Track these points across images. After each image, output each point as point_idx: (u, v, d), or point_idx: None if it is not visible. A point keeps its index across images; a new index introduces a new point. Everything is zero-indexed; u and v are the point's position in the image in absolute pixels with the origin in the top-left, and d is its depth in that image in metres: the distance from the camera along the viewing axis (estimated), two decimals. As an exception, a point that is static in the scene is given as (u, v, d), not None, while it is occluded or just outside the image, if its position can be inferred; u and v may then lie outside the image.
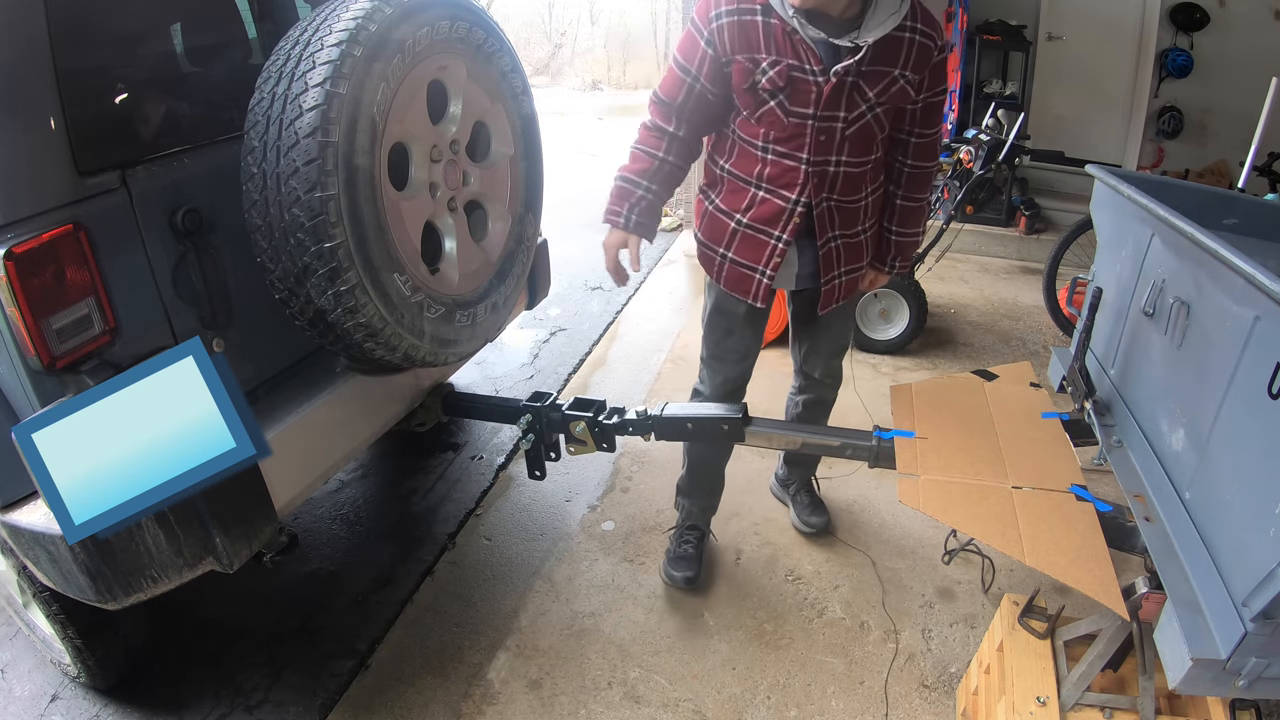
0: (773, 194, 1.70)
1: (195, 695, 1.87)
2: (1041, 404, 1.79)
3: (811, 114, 1.60)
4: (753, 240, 1.76)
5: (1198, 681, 1.14)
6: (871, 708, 1.83)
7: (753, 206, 1.73)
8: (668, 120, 1.70)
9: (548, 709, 1.84)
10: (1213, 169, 4.71)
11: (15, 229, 1.18)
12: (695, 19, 1.61)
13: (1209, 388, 1.27)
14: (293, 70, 1.37)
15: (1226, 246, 1.22)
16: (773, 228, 1.73)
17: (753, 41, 1.57)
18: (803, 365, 2.10)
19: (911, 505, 1.50)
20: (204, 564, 1.44)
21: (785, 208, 1.70)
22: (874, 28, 1.51)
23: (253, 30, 1.81)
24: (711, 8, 1.58)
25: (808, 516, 2.33)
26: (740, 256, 1.78)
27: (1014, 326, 3.74)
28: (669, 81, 1.68)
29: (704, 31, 1.59)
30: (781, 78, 1.56)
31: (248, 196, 1.41)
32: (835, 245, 1.76)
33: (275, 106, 1.37)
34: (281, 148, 1.36)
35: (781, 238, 1.73)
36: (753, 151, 1.69)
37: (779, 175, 1.68)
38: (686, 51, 1.64)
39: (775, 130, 1.64)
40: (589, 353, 3.51)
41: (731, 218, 1.77)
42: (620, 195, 1.74)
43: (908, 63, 1.60)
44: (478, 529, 2.43)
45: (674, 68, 1.67)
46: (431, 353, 1.64)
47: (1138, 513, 1.39)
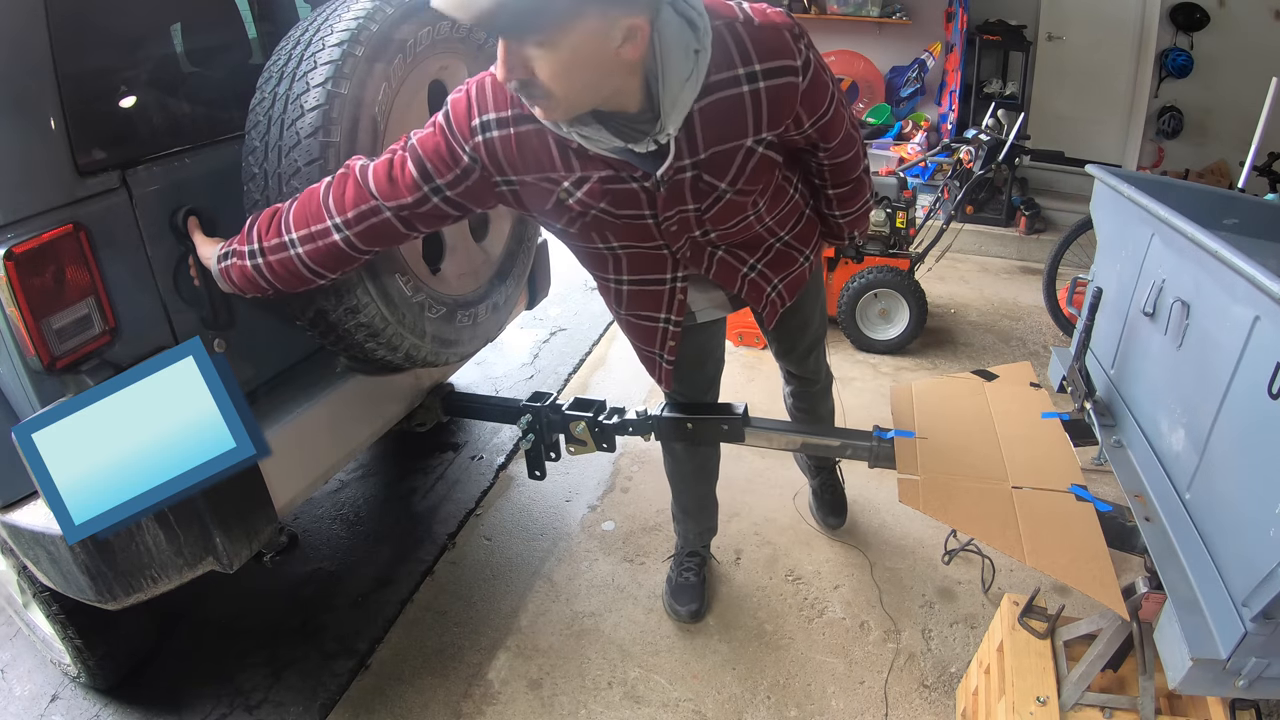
0: (640, 284, 1.45)
1: (195, 695, 1.87)
2: (1041, 404, 1.79)
3: (650, 214, 1.28)
4: (638, 328, 1.56)
5: (1198, 681, 1.14)
6: (871, 708, 1.83)
7: (622, 299, 1.50)
8: (341, 211, 1.25)
9: (548, 709, 1.84)
10: (1213, 169, 4.71)
11: (15, 229, 1.18)
12: (453, 124, 1.19)
13: (1209, 388, 1.27)
14: (294, 70, 1.37)
15: (1226, 246, 1.22)
16: (657, 310, 1.50)
17: (543, 159, 1.19)
18: (784, 365, 2.03)
19: (911, 505, 1.50)
20: (204, 564, 1.44)
21: (663, 289, 1.46)
22: (672, 109, 1.09)
23: (253, 30, 1.81)
24: (474, 114, 1.17)
25: (826, 515, 2.33)
26: (634, 338, 1.61)
27: (1014, 326, 3.74)
28: (397, 177, 1.22)
29: (465, 144, 1.19)
30: (595, 194, 1.22)
31: (249, 196, 1.42)
32: (754, 274, 1.52)
33: (277, 107, 1.37)
34: (283, 148, 1.36)
35: (672, 319, 1.51)
36: (595, 255, 1.42)
37: (638, 264, 1.41)
38: (435, 156, 1.21)
39: (611, 233, 1.32)
40: (589, 353, 3.51)
41: (610, 305, 1.57)
42: (244, 233, 1.35)
43: (760, 123, 1.19)
44: (478, 529, 2.43)
45: (410, 165, 1.22)
46: (433, 353, 1.64)
47: (1138, 513, 1.39)
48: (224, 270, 1.35)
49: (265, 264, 1.31)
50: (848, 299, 3.29)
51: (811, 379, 2.01)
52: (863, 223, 1.66)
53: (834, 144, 1.37)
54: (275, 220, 1.30)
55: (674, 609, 2.07)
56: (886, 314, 3.38)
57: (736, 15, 1.13)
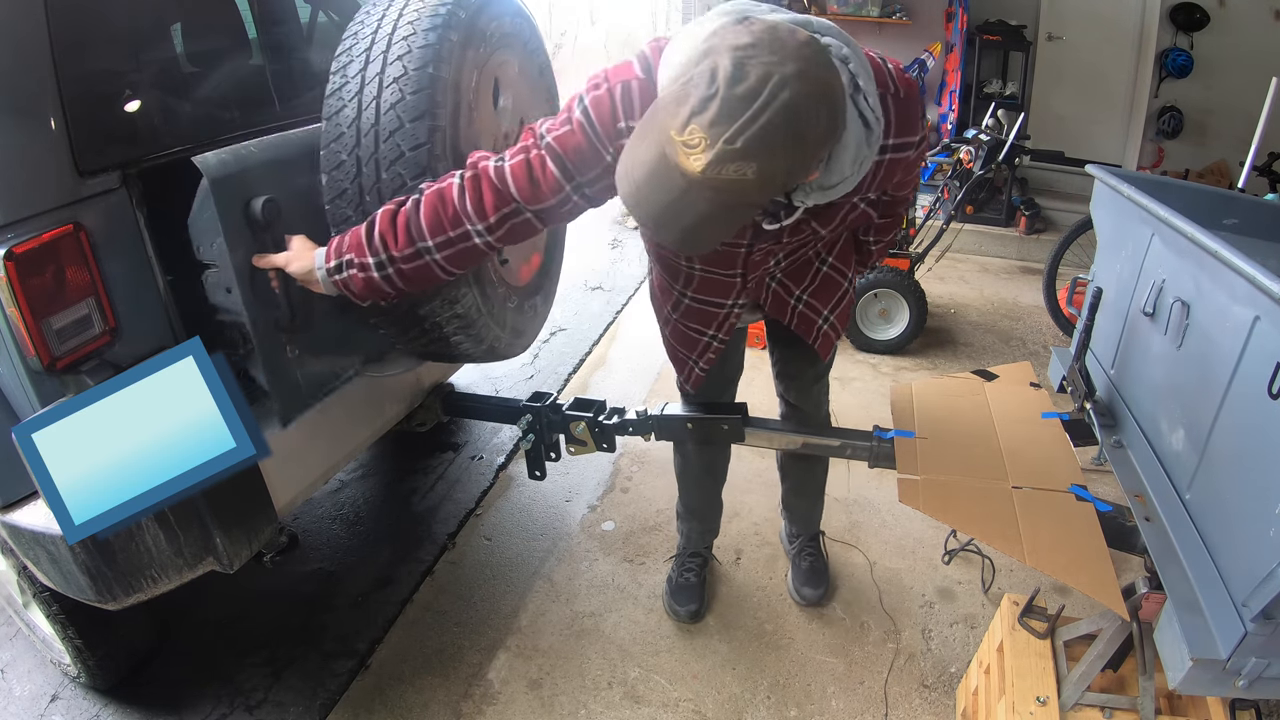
0: (702, 303, 1.52)
1: (195, 695, 1.87)
2: (1041, 404, 1.79)
3: (745, 244, 1.35)
4: (683, 335, 1.62)
5: (1198, 681, 1.14)
6: (871, 708, 1.83)
7: (680, 308, 1.56)
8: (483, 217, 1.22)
9: (548, 709, 1.84)
10: (1213, 169, 4.71)
11: (15, 229, 1.19)
12: (595, 124, 1.14)
13: (1209, 388, 1.27)
14: (383, 54, 1.32)
15: (1226, 246, 1.22)
16: (706, 327, 1.56)
17: None
18: (782, 391, 1.90)
19: (911, 505, 1.49)
20: (204, 564, 1.44)
21: (720, 313, 1.53)
22: (818, 193, 1.09)
23: (253, 30, 1.81)
24: (620, 117, 1.14)
25: (800, 585, 2.09)
26: (675, 341, 1.66)
27: (1014, 326, 3.74)
28: (539, 179, 1.19)
29: (609, 145, 1.16)
30: None
31: (334, 184, 1.35)
32: (801, 305, 1.57)
33: (367, 90, 1.31)
34: (381, 133, 1.30)
35: (718, 336, 1.59)
36: (674, 263, 1.48)
37: (708, 287, 1.48)
38: (577, 155, 1.17)
39: (700, 256, 1.40)
40: (589, 353, 3.51)
41: (664, 306, 1.62)
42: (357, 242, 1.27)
43: (874, 185, 1.24)
44: (478, 529, 2.43)
45: (551, 164, 1.18)
46: (508, 344, 1.61)
47: (1138, 513, 1.39)
48: (340, 281, 1.29)
49: (397, 272, 1.25)
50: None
51: (812, 414, 1.91)
52: (887, 249, 1.70)
53: (905, 191, 1.44)
54: (403, 228, 1.22)
55: (674, 609, 2.07)
56: (886, 314, 3.38)
57: (889, 87, 1.13)
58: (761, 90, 0.85)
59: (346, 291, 1.31)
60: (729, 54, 0.87)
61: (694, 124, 0.87)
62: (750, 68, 0.86)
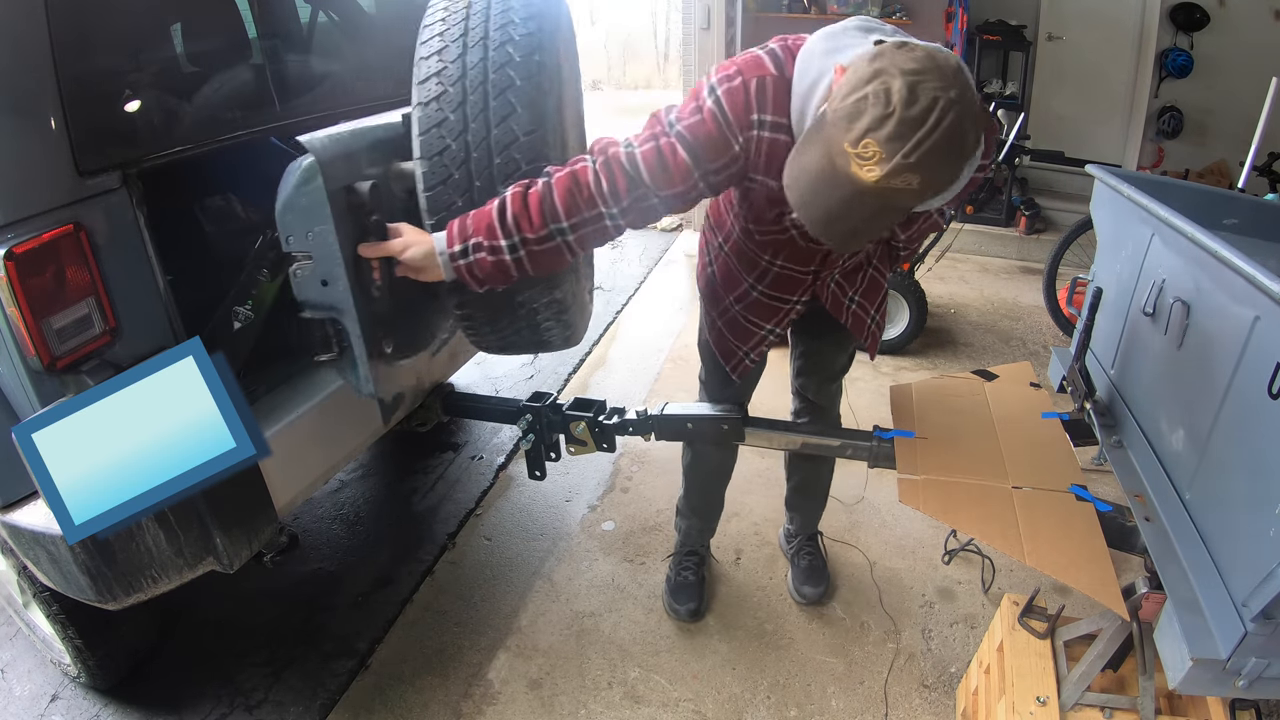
0: (769, 297, 1.60)
1: (195, 695, 1.87)
2: (1041, 404, 1.79)
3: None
4: (740, 326, 1.67)
5: (1198, 681, 1.14)
6: (871, 708, 1.83)
7: (745, 300, 1.63)
8: (616, 200, 1.25)
9: (548, 709, 1.84)
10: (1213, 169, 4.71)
11: (15, 229, 1.18)
12: (728, 114, 1.21)
13: (1209, 388, 1.27)
14: (482, 40, 1.31)
15: (1226, 246, 1.22)
16: (766, 321, 1.64)
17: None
18: (799, 385, 1.95)
19: (911, 505, 1.49)
20: (204, 564, 1.44)
21: (783, 308, 1.62)
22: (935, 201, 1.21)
23: (253, 30, 1.81)
24: (754, 110, 1.21)
25: (800, 584, 2.12)
26: (729, 332, 1.71)
27: (1014, 326, 3.74)
28: (669, 165, 1.23)
29: (739, 135, 1.22)
30: None
31: (437, 170, 1.31)
32: (854, 306, 1.66)
33: (472, 76, 1.28)
34: (492, 118, 1.28)
35: (774, 330, 1.66)
36: (754, 256, 1.55)
37: (779, 283, 1.57)
38: (707, 143, 1.23)
39: (785, 251, 1.50)
40: (589, 353, 3.51)
41: (726, 297, 1.66)
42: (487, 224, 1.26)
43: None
44: (478, 529, 2.43)
45: (682, 151, 1.22)
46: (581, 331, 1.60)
47: (1138, 513, 1.39)
48: (464, 266, 1.26)
49: (528, 254, 1.25)
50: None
51: (827, 409, 1.95)
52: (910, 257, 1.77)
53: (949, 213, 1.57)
54: (537, 209, 1.23)
55: (673, 608, 2.07)
56: (887, 314, 3.38)
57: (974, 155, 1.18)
58: (932, 112, 0.95)
59: (467, 277, 1.28)
60: (901, 78, 0.96)
61: (869, 139, 0.97)
62: (921, 92, 0.96)
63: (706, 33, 4.62)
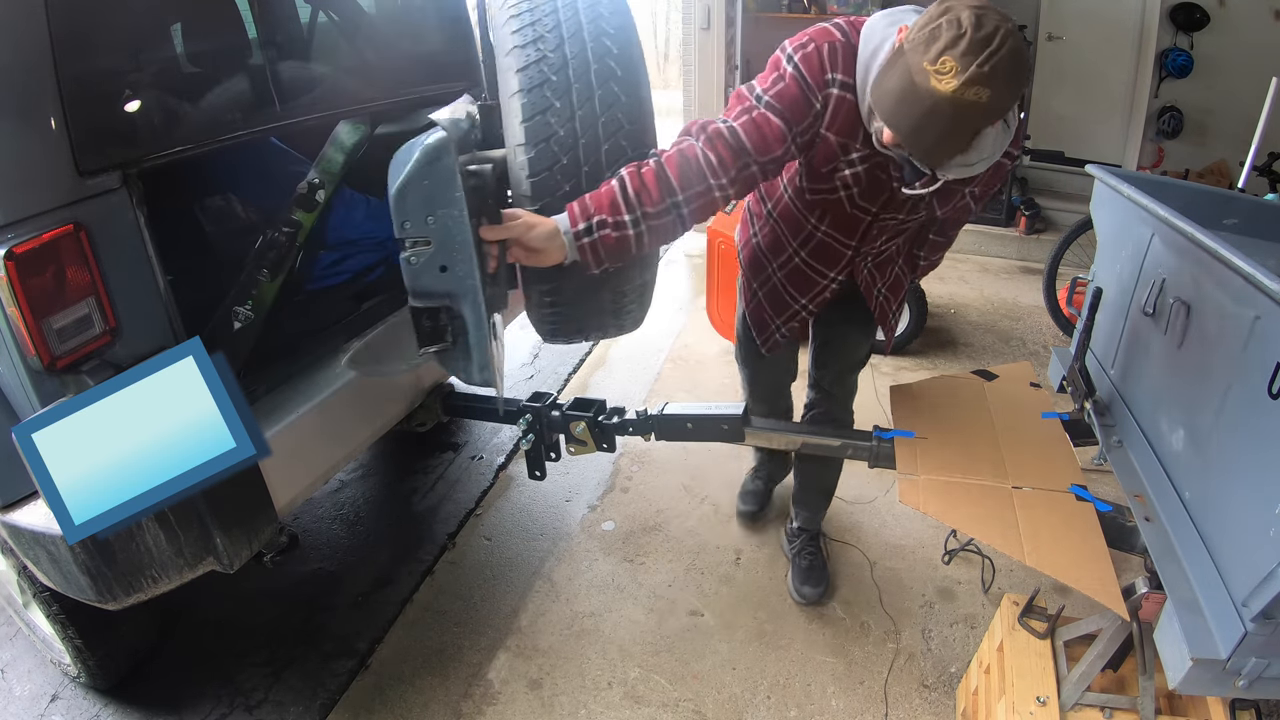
0: (809, 266, 1.68)
1: (195, 695, 1.87)
2: (1041, 404, 1.79)
3: (874, 212, 1.53)
4: (779, 297, 1.76)
5: (1198, 681, 1.14)
6: (871, 708, 1.83)
7: (787, 268, 1.72)
8: (725, 171, 1.34)
9: (548, 709, 1.84)
10: (1213, 169, 4.71)
11: (16, 229, 1.18)
12: (806, 75, 1.35)
13: (1209, 388, 1.27)
14: (579, 31, 1.36)
15: (1226, 246, 1.22)
16: (802, 294, 1.73)
17: (854, 127, 1.39)
18: (816, 376, 1.98)
19: (911, 505, 1.50)
20: (204, 564, 1.44)
21: (821, 283, 1.70)
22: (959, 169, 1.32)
23: (253, 30, 1.81)
24: (827, 70, 1.35)
25: (799, 584, 2.12)
26: (767, 302, 1.80)
27: (1014, 326, 3.74)
28: (766, 133, 1.35)
29: (818, 94, 1.35)
30: (866, 174, 1.44)
31: (545, 157, 1.33)
32: (881, 298, 1.76)
33: (575, 65, 1.33)
34: (598, 106, 1.33)
35: (808, 306, 1.74)
36: (801, 220, 1.64)
37: (821, 253, 1.65)
38: (793, 106, 1.35)
39: (831, 215, 1.58)
40: (589, 353, 3.51)
41: (769, 264, 1.75)
42: (610, 202, 1.30)
43: (980, 180, 1.48)
44: (478, 529, 2.43)
45: (774, 118, 1.35)
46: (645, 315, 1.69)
47: (1138, 513, 1.39)
48: (588, 244, 1.29)
49: (648, 228, 1.31)
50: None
51: (843, 401, 1.99)
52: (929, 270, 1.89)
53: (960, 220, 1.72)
54: (654, 185, 1.30)
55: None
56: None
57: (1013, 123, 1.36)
58: (997, 35, 1.10)
59: (589, 255, 1.30)
60: (968, 10, 1.12)
61: (946, 55, 1.11)
62: (986, 20, 1.11)
63: (706, 33, 4.62)
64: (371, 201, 2.20)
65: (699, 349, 3.47)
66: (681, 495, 2.53)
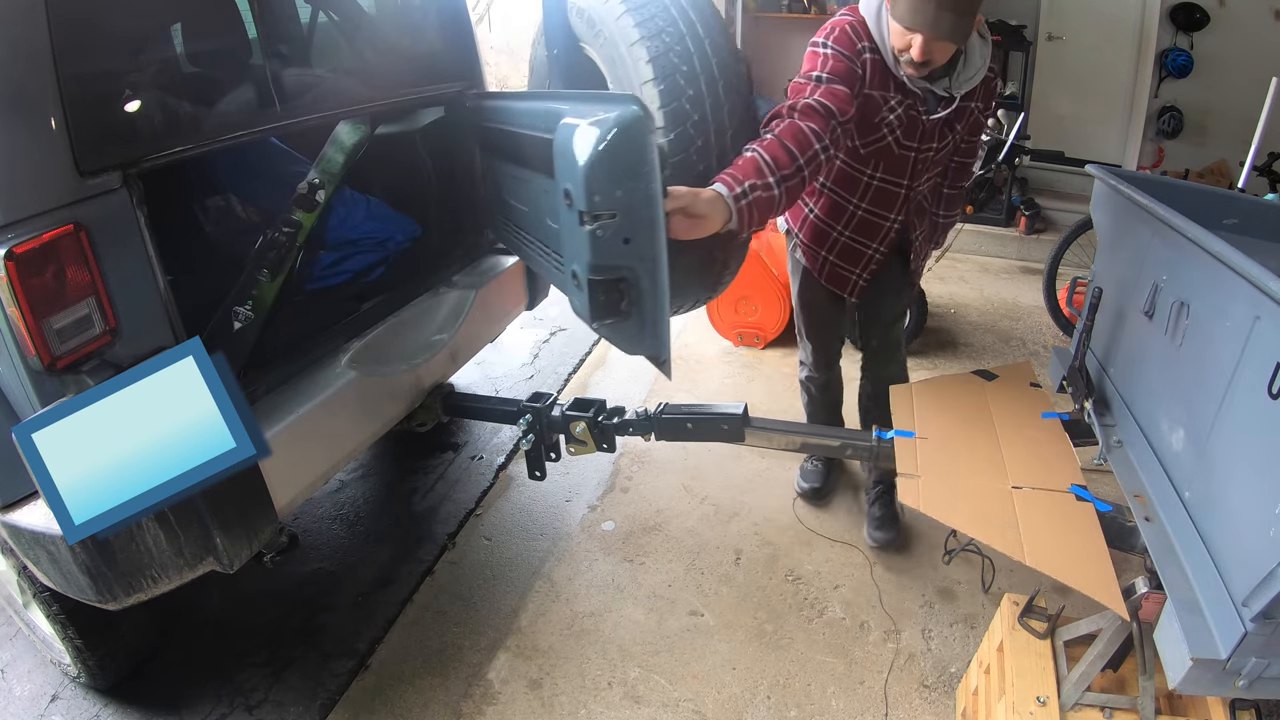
0: (872, 214, 1.92)
1: (195, 695, 1.87)
2: (1041, 404, 1.79)
3: (915, 147, 1.81)
4: (852, 249, 1.98)
5: (1198, 681, 1.14)
6: (871, 708, 1.83)
7: (851, 223, 1.95)
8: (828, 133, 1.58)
9: (548, 709, 1.84)
10: (1213, 169, 4.71)
11: (16, 229, 1.18)
12: (843, 48, 1.69)
13: (1209, 388, 1.27)
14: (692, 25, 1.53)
15: (1226, 246, 1.22)
16: (872, 240, 1.96)
17: (886, 80, 1.74)
18: (864, 338, 2.24)
19: (911, 505, 1.50)
20: (204, 564, 1.44)
21: (884, 226, 1.93)
22: (965, 83, 1.74)
23: (253, 30, 1.81)
24: (855, 39, 1.71)
25: (873, 530, 2.31)
26: (841, 261, 2.01)
27: (1014, 326, 3.74)
28: (840, 97, 1.63)
29: (857, 61, 1.70)
30: (905, 116, 1.76)
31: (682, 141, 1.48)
32: (918, 241, 2.03)
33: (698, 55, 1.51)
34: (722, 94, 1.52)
35: (880, 249, 1.97)
36: (857, 176, 1.89)
37: (880, 198, 1.89)
38: (847, 75, 1.68)
39: (884, 161, 1.83)
40: (589, 353, 3.51)
41: (833, 229, 1.98)
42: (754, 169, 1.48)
43: (979, 94, 1.83)
44: (478, 529, 2.43)
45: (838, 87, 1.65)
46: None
47: (1138, 513, 1.39)
48: (744, 206, 1.44)
49: (787, 188, 1.50)
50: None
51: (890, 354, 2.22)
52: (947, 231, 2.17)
53: (974, 141, 1.97)
54: (783, 153, 1.50)
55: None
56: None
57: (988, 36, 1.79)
58: None
59: (746, 217, 1.46)
60: None
61: None
62: None
63: (707, 33, 4.61)
64: (372, 201, 2.20)
65: (699, 349, 3.47)
66: (681, 495, 2.53)
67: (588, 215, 1.25)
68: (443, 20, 2.17)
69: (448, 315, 2.09)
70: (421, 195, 2.28)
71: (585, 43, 1.77)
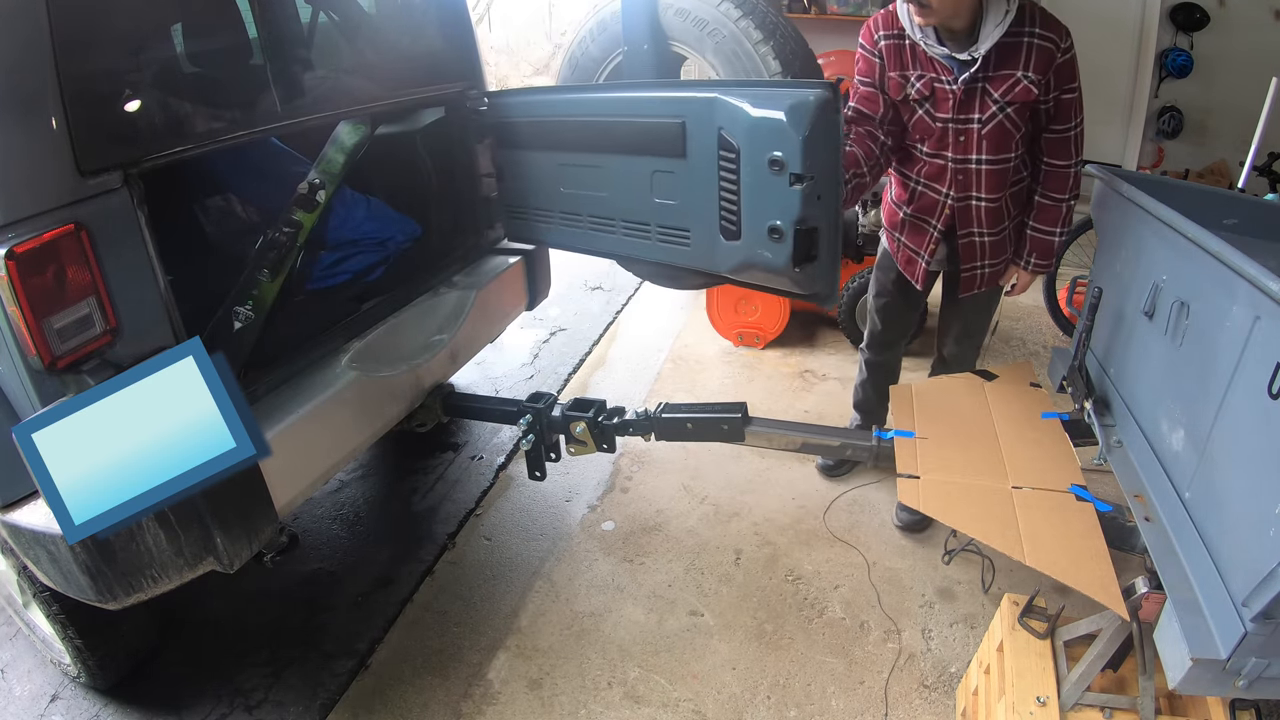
0: (928, 188, 2.02)
1: (195, 695, 1.87)
2: (1041, 404, 1.79)
3: (949, 118, 1.88)
4: (916, 226, 2.09)
5: (1198, 681, 1.14)
6: (871, 708, 1.83)
7: (914, 200, 2.07)
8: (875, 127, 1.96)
9: (548, 709, 1.84)
10: (1213, 169, 4.70)
11: (16, 229, 1.18)
12: (862, 42, 1.95)
13: (1209, 388, 1.27)
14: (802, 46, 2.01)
15: (1226, 246, 1.22)
16: (930, 217, 2.04)
17: (904, 60, 1.90)
18: (938, 343, 2.37)
19: (911, 505, 1.50)
20: (204, 564, 1.44)
21: (939, 200, 2.01)
22: (985, 39, 1.77)
23: (253, 30, 1.81)
24: (873, 31, 1.93)
25: (900, 509, 2.39)
26: (908, 240, 2.12)
27: (1014, 326, 3.73)
28: (866, 97, 1.97)
29: (872, 51, 1.92)
30: (926, 88, 1.88)
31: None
32: (979, 240, 2.02)
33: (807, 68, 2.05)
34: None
35: (937, 226, 2.03)
36: (914, 153, 2.02)
37: (932, 173, 1.99)
38: (867, 68, 1.94)
39: (925, 134, 1.95)
40: (589, 353, 3.51)
41: (902, 208, 2.11)
42: (855, 165, 1.90)
43: (1028, 64, 1.80)
44: (478, 529, 2.43)
45: (861, 87, 1.96)
46: None
47: (1138, 513, 1.39)
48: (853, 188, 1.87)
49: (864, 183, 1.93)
50: (847, 299, 3.29)
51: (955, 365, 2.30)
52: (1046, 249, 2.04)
53: (1058, 132, 1.90)
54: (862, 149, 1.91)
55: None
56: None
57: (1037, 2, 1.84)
58: None
59: (853, 195, 1.88)
60: None
61: None
62: None
63: (707, 33, 4.61)
64: (372, 202, 2.20)
65: (699, 349, 3.47)
66: (681, 495, 2.53)
67: (799, 178, 1.55)
68: (443, 20, 2.17)
69: (448, 315, 2.09)
70: (421, 196, 2.28)
71: (678, 40, 2.17)
